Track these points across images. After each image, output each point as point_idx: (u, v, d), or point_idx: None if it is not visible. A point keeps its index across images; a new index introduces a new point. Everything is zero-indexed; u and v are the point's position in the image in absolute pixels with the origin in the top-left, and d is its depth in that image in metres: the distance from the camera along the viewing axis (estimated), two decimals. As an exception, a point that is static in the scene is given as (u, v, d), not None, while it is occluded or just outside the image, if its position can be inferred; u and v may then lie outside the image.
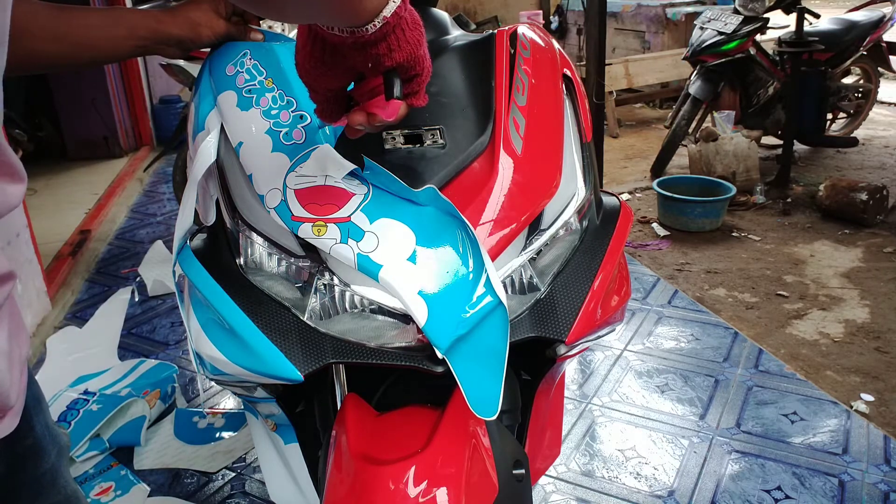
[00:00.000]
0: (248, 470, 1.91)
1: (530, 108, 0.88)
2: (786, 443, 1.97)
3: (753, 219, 3.64)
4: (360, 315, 0.77)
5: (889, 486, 1.79)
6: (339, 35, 0.64)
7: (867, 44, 4.33)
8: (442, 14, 1.05)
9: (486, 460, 0.80)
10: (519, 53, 0.93)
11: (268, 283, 0.80)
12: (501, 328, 0.73)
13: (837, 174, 4.11)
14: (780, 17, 4.10)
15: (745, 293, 2.89)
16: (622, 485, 1.83)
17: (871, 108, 4.78)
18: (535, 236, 0.83)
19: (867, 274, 3.02)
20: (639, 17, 6.06)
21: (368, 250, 0.72)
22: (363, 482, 0.75)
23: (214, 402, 2.17)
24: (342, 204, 0.75)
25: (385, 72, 0.68)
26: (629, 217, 0.96)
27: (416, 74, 0.70)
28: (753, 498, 1.77)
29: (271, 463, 1.03)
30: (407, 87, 0.70)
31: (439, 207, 0.75)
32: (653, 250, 3.33)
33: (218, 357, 0.79)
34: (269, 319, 0.77)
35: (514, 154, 0.83)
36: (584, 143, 0.95)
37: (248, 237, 0.81)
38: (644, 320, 2.67)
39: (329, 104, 0.73)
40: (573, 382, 2.28)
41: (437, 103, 0.88)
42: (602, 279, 0.85)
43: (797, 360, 2.41)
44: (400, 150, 0.84)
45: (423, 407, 0.86)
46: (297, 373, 0.74)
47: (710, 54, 3.99)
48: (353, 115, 0.71)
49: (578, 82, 1.00)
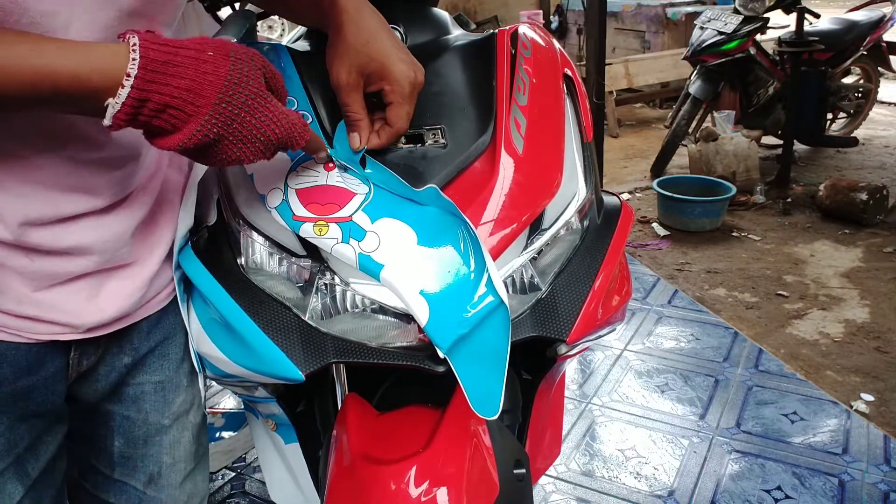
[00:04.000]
0: (248, 470, 1.91)
1: (531, 108, 0.88)
2: (786, 443, 1.97)
3: (753, 219, 3.65)
4: (361, 315, 0.77)
5: (889, 486, 1.79)
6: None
7: (867, 44, 4.32)
8: (442, 14, 1.04)
9: (487, 460, 0.80)
10: (520, 53, 0.93)
11: (269, 283, 0.80)
12: (503, 328, 0.73)
13: (837, 174, 4.11)
14: (780, 17, 4.09)
15: (745, 293, 2.89)
16: (622, 485, 1.83)
17: (871, 108, 4.78)
18: (537, 236, 0.83)
19: (867, 274, 3.02)
20: (639, 16, 6.05)
21: (370, 250, 0.71)
22: (364, 482, 0.75)
23: (214, 402, 2.17)
24: (343, 203, 0.75)
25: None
26: (630, 217, 0.96)
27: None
28: (753, 498, 1.77)
29: (271, 463, 1.03)
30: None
31: (441, 207, 0.75)
32: (653, 250, 3.33)
33: (219, 356, 0.79)
34: (270, 319, 0.77)
35: (516, 154, 0.83)
36: (585, 142, 0.95)
37: (249, 237, 0.81)
38: (644, 320, 2.67)
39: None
40: (573, 382, 2.28)
41: (438, 103, 0.88)
42: (603, 279, 0.85)
43: (797, 359, 2.41)
44: (401, 150, 0.84)
45: (423, 406, 0.86)
46: (298, 372, 0.74)
47: (711, 54, 3.99)
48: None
49: (579, 82, 1.00)
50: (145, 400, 0.84)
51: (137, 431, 0.85)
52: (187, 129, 0.59)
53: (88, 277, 0.73)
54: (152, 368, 0.84)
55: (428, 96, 0.83)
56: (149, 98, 0.57)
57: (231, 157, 0.63)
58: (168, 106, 0.58)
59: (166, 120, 0.58)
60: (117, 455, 0.85)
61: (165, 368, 0.85)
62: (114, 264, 0.75)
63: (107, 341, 0.78)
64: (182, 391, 0.87)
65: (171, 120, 0.58)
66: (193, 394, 0.89)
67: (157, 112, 0.58)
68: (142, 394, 0.84)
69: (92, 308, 0.73)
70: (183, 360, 0.87)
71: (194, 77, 0.58)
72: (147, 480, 0.87)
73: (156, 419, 0.85)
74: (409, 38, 0.96)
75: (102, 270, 0.74)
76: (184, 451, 0.89)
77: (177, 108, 0.58)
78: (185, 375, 0.88)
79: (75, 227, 0.69)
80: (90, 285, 0.73)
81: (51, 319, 0.70)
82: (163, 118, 0.58)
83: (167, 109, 0.58)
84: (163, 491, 0.88)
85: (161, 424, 0.86)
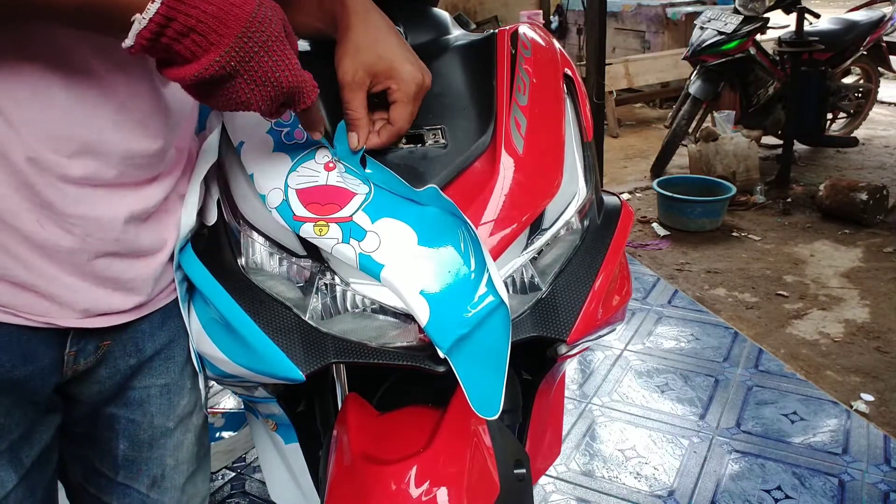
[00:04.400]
0: (248, 470, 1.91)
1: (531, 108, 0.88)
2: (786, 443, 1.97)
3: (753, 219, 3.65)
4: (361, 315, 0.77)
5: (889, 486, 1.79)
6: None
7: (867, 44, 4.32)
8: (443, 14, 1.04)
9: (488, 460, 0.80)
10: (520, 53, 0.93)
11: (269, 283, 0.80)
12: (503, 328, 0.73)
13: (837, 174, 4.11)
14: (780, 17, 4.10)
15: (745, 293, 2.89)
16: (622, 485, 1.83)
17: (871, 108, 4.78)
18: (537, 236, 0.83)
19: (867, 274, 3.02)
20: (639, 16, 6.05)
21: (370, 250, 0.71)
22: (364, 482, 0.75)
23: (214, 402, 2.17)
24: (344, 204, 0.75)
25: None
26: (630, 217, 0.96)
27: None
28: (753, 498, 1.77)
29: (272, 463, 1.03)
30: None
31: (441, 207, 0.75)
32: (653, 250, 3.33)
33: (219, 356, 0.79)
34: (271, 319, 0.77)
35: (516, 154, 0.83)
36: (585, 142, 0.95)
37: (250, 237, 0.81)
38: (644, 320, 2.67)
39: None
40: (573, 382, 2.28)
41: (438, 103, 0.88)
42: (603, 279, 0.85)
43: (797, 360, 2.41)
44: (401, 150, 0.84)
45: (424, 407, 0.86)
46: (298, 372, 0.74)
47: (711, 54, 3.99)
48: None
49: (579, 82, 1.00)
50: (151, 403, 0.84)
51: (143, 435, 0.85)
52: (206, 59, 0.59)
53: (97, 257, 0.71)
54: (158, 371, 0.84)
55: (428, 96, 0.83)
56: (175, 17, 0.57)
57: (240, 99, 0.63)
58: (192, 30, 0.58)
59: (187, 46, 0.58)
60: (122, 458, 0.85)
61: (171, 371, 0.85)
62: (123, 248, 0.74)
63: (109, 342, 0.78)
64: (186, 393, 0.87)
65: (192, 46, 0.59)
66: (196, 395, 0.90)
67: (181, 35, 0.58)
68: (147, 397, 0.84)
69: (95, 291, 0.73)
70: (187, 363, 0.87)
71: (222, 6, 0.58)
72: (150, 483, 0.86)
73: (161, 422, 0.85)
74: (409, 38, 0.96)
75: (112, 254, 0.73)
76: (187, 452, 0.89)
77: (200, 35, 0.58)
78: (188, 377, 0.88)
79: (92, 194, 0.69)
80: (96, 265, 0.72)
81: (50, 294, 0.69)
82: (184, 43, 0.58)
83: (191, 34, 0.58)
84: (166, 493, 0.88)
85: (166, 427, 0.86)
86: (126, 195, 0.73)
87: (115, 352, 0.80)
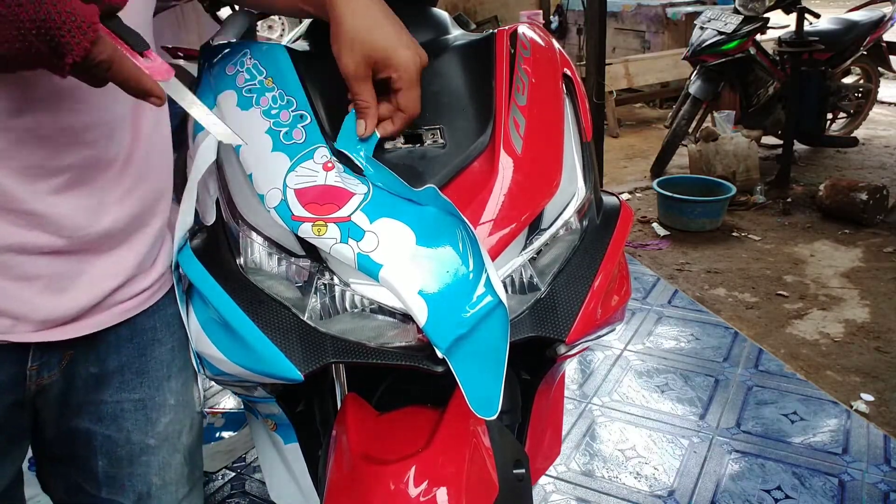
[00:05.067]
0: (248, 470, 1.91)
1: (530, 108, 0.88)
2: (786, 443, 1.97)
3: (753, 219, 3.64)
4: (360, 315, 0.77)
5: (889, 486, 1.79)
6: None
7: (867, 44, 4.32)
8: (442, 14, 1.04)
9: (487, 460, 0.80)
10: (519, 53, 0.93)
11: (268, 283, 0.80)
12: (502, 328, 0.73)
13: (837, 174, 4.11)
14: (780, 17, 4.09)
15: (745, 293, 2.89)
16: (622, 485, 1.83)
17: (871, 108, 4.78)
18: (536, 236, 0.83)
19: (867, 274, 3.02)
20: (639, 16, 6.05)
21: (369, 250, 0.71)
22: (363, 482, 0.75)
23: (214, 402, 2.17)
24: (342, 203, 0.74)
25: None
26: (629, 217, 0.96)
27: None
28: (753, 498, 1.77)
29: (271, 463, 1.03)
30: None
31: (440, 207, 0.75)
32: (653, 250, 3.33)
33: (218, 356, 0.79)
34: (269, 319, 0.77)
35: (515, 154, 0.83)
36: (585, 142, 0.95)
37: (248, 237, 0.81)
38: (644, 320, 2.67)
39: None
40: (573, 382, 2.28)
41: (437, 103, 0.88)
42: (602, 279, 0.85)
43: (797, 359, 2.41)
44: (400, 150, 0.84)
45: (423, 407, 0.86)
46: (297, 372, 0.74)
47: (711, 54, 3.99)
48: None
49: (578, 82, 1.00)
50: (125, 418, 0.82)
51: (120, 451, 0.83)
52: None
53: (52, 258, 0.69)
54: (130, 386, 0.82)
55: (427, 96, 0.83)
56: None
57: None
58: None
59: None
60: (102, 475, 0.83)
61: (145, 386, 0.83)
62: (82, 247, 0.71)
63: (72, 352, 0.77)
64: (168, 411, 0.85)
65: None
66: (186, 416, 0.87)
67: None
68: (121, 412, 0.82)
69: (52, 300, 0.70)
70: (169, 379, 0.85)
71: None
72: (136, 499, 0.85)
73: (139, 438, 0.83)
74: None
75: (68, 252, 0.70)
76: (175, 473, 0.87)
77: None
78: (171, 394, 0.85)
79: (43, 193, 0.66)
80: (52, 269, 0.69)
81: (3, 310, 0.67)
82: None
83: None
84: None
85: (146, 444, 0.84)
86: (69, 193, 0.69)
87: (77, 358, 0.78)
